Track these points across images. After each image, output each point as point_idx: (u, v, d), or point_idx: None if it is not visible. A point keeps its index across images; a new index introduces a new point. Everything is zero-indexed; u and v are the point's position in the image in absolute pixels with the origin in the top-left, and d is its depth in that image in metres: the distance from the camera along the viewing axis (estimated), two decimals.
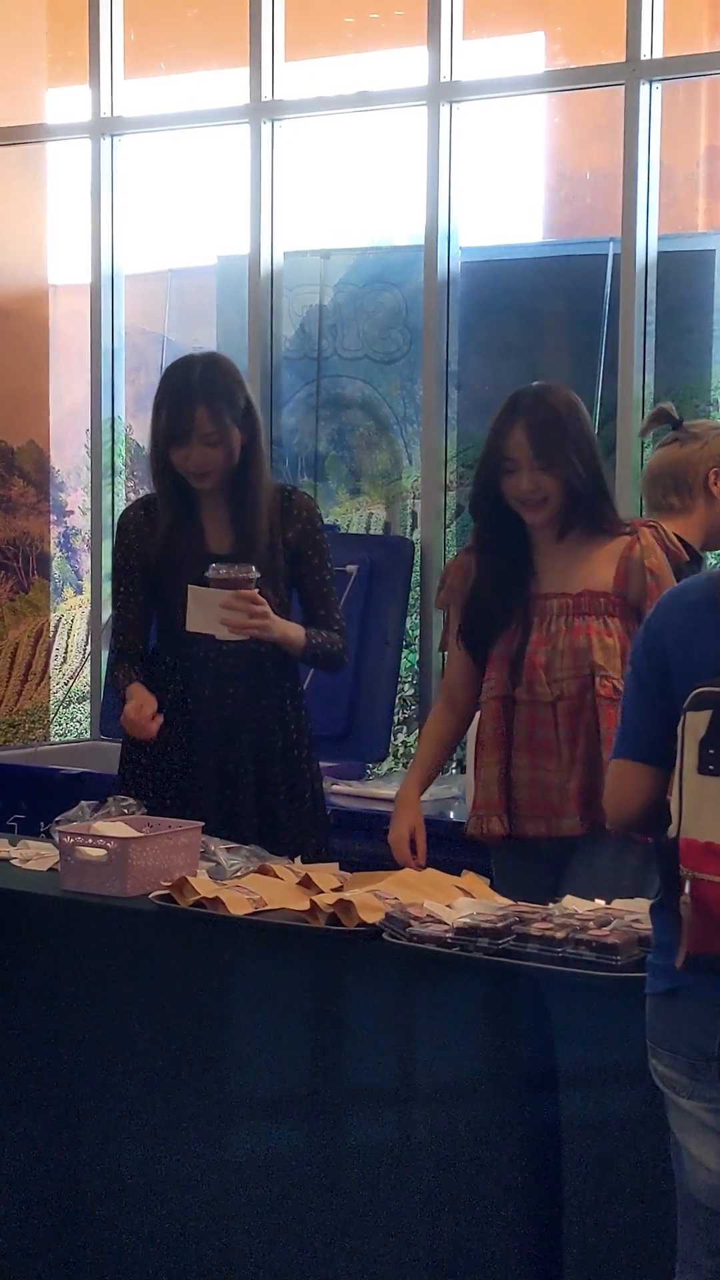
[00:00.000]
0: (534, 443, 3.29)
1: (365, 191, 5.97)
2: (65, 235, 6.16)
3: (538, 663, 3.30)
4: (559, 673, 3.29)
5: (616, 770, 2.49)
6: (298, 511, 3.67)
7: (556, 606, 3.32)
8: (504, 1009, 2.68)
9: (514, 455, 3.30)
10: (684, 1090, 2.34)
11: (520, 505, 3.33)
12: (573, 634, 3.29)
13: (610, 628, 3.30)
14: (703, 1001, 2.30)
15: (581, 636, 3.29)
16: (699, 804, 2.27)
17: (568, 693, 3.28)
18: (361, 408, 5.54)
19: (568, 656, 3.29)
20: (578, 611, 3.31)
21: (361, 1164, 2.82)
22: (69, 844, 3.13)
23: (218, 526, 3.67)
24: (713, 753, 2.26)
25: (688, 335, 4.93)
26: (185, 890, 2.97)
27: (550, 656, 3.29)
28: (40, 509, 6.21)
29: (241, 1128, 2.94)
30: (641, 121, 4.76)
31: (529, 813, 3.30)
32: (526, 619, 3.33)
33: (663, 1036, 2.36)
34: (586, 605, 3.31)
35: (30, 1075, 3.14)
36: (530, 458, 3.29)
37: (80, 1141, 3.10)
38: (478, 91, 5.13)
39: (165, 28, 6.23)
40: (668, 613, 2.45)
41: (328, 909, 2.83)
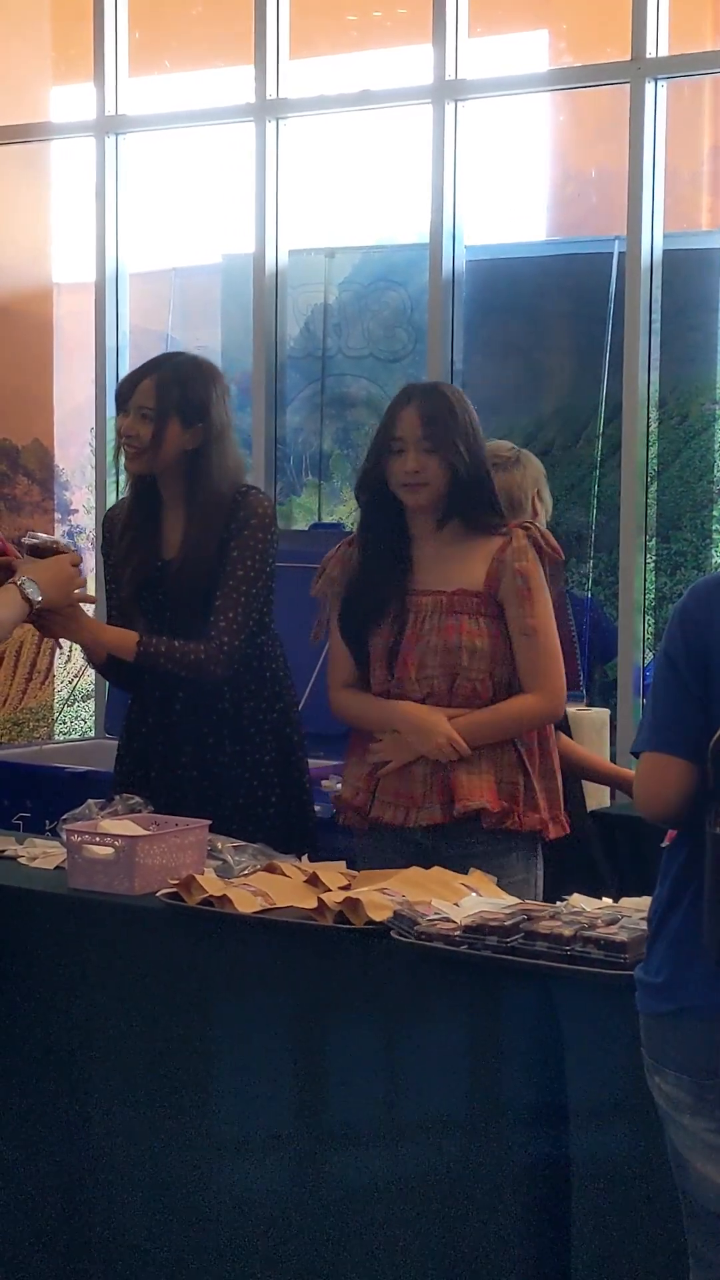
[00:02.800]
0: (423, 423, 3.32)
1: (370, 190, 5.96)
2: (69, 234, 6.16)
3: (409, 660, 3.34)
4: (430, 670, 3.34)
5: (650, 763, 2.40)
6: (242, 512, 3.53)
7: (430, 604, 3.36)
8: (512, 1007, 2.67)
9: (402, 435, 3.32)
10: (687, 1110, 2.31)
11: (402, 488, 3.34)
12: (444, 632, 3.33)
13: (481, 627, 3.34)
14: (710, 1019, 2.27)
15: (453, 635, 3.33)
16: None
17: (437, 690, 3.33)
18: (366, 406, 5.54)
19: (439, 655, 3.33)
20: (450, 610, 3.34)
21: (371, 1157, 2.81)
22: (76, 842, 3.13)
23: (173, 531, 3.60)
24: None
25: (692, 334, 4.93)
26: (193, 888, 2.96)
27: (422, 654, 3.34)
28: (45, 507, 6.22)
29: (249, 1126, 2.93)
30: (646, 120, 4.76)
31: (391, 799, 3.36)
32: (402, 614, 3.37)
33: (665, 1056, 2.33)
34: (459, 604, 3.34)
35: (38, 1074, 3.14)
36: (418, 439, 3.31)
37: (87, 1139, 3.10)
38: (482, 90, 5.14)
39: (169, 26, 6.23)
40: (710, 606, 2.38)
41: (335, 907, 2.82)
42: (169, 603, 3.58)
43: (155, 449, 3.52)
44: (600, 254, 5.10)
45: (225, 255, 5.96)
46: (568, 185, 6.10)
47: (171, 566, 3.57)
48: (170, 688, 3.58)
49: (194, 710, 3.58)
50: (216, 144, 5.87)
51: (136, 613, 3.62)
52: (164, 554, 3.60)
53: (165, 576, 3.58)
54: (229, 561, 3.51)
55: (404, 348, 5.47)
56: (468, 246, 5.14)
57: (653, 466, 4.85)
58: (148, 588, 3.60)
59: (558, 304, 5.25)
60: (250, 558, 3.51)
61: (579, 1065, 2.62)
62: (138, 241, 5.82)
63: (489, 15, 5.47)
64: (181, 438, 3.52)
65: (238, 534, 3.51)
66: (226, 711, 3.58)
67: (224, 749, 3.58)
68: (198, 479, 3.55)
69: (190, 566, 3.54)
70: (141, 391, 3.53)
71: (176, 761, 3.59)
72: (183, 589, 3.55)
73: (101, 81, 5.75)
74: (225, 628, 3.49)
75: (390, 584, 3.38)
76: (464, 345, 5.13)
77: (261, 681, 3.61)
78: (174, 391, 3.51)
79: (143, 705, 3.65)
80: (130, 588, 3.61)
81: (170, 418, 3.51)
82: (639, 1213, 2.58)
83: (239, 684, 3.58)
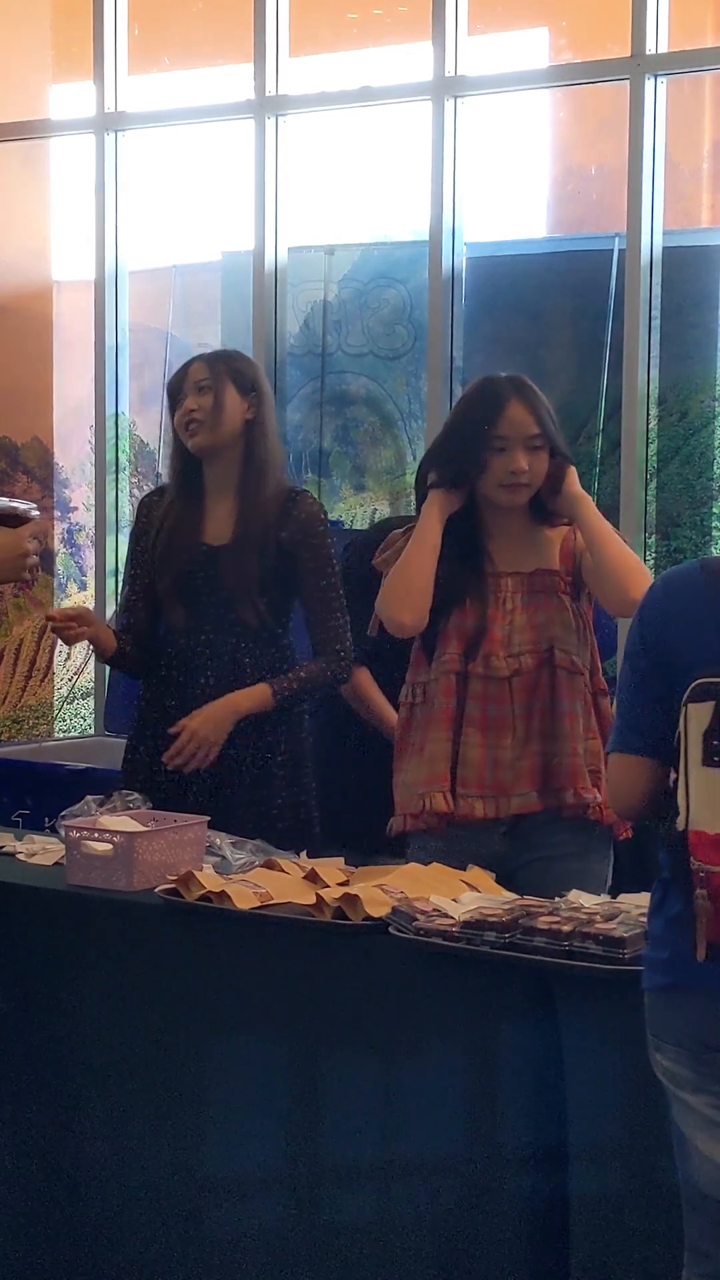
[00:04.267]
0: (534, 420, 3.25)
1: (370, 187, 5.96)
2: (69, 231, 6.15)
3: (495, 638, 3.27)
4: (516, 648, 3.27)
5: (616, 764, 2.48)
6: (296, 512, 3.58)
7: (511, 584, 3.31)
8: (510, 1002, 2.67)
9: (507, 433, 3.24)
10: (688, 1085, 2.33)
11: (501, 488, 3.27)
12: (530, 610, 3.28)
13: (565, 604, 3.30)
14: (709, 994, 2.29)
15: (539, 613, 3.28)
16: (706, 796, 2.27)
17: (525, 667, 3.26)
18: (366, 404, 5.53)
19: (526, 632, 3.27)
20: (533, 589, 3.30)
21: (363, 1156, 2.81)
22: (75, 838, 3.13)
23: (218, 519, 3.63)
24: (717, 744, 2.25)
25: (692, 331, 4.92)
26: (191, 884, 2.96)
27: (508, 632, 3.28)
28: (44, 505, 6.21)
29: (245, 1122, 2.93)
30: (646, 116, 4.76)
31: (476, 792, 3.24)
32: (482, 595, 3.30)
33: (666, 1030, 2.35)
34: (541, 583, 3.31)
35: (36, 1070, 3.14)
36: (527, 437, 3.24)
37: (84, 1135, 3.09)
38: (482, 86, 5.13)
39: (169, 23, 6.23)
40: (665, 603, 2.43)
41: (334, 903, 2.82)
42: (209, 587, 3.60)
43: (217, 415, 3.58)
44: (600, 251, 5.10)
45: (225, 252, 5.96)
46: (568, 182, 6.09)
47: (223, 551, 3.59)
48: (192, 676, 3.59)
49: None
50: (216, 141, 5.87)
51: (175, 598, 3.62)
52: (208, 540, 3.62)
53: (210, 561, 3.60)
54: (306, 573, 3.58)
55: (404, 345, 5.46)
56: (468, 244, 5.13)
57: (652, 463, 4.85)
58: (188, 574, 3.61)
59: (558, 301, 5.25)
60: (328, 564, 3.60)
61: (577, 1060, 2.62)
62: (137, 239, 5.82)
63: (488, 13, 5.47)
64: (240, 405, 3.60)
65: (306, 543, 3.57)
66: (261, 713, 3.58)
67: (246, 745, 3.57)
68: (254, 454, 3.60)
69: (244, 551, 3.56)
70: (194, 371, 3.63)
71: None
72: (231, 574, 3.57)
73: (101, 78, 5.75)
74: (335, 636, 3.59)
75: (468, 566, 3.30)
76: (464, 342, 5.13)
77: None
78: (223, 365, 3.63)
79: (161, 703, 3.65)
80: (172, 572, 3.62)
81: (226, 384, 3.59)
82: (638, 1207, 2.58)
83: (260, 679, 3.58)
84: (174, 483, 3.69)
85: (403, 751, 3.35)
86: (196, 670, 3.60)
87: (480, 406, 3.27)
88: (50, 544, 6.23)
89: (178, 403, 3.62)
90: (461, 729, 3.25)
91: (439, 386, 5.09)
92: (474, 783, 3.24)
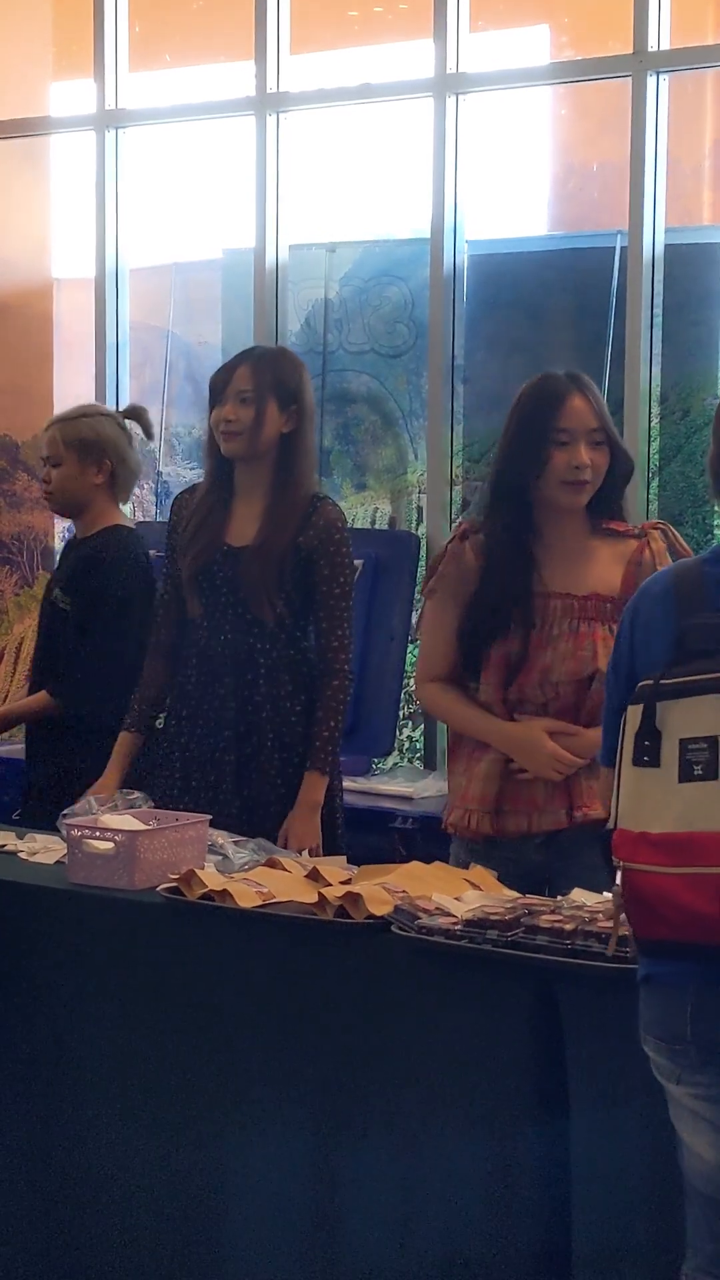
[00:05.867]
0: (596, 413, 3.17)
1: (371, 185, 5.95)
2: (69, 229, 6.14)
3: (536, 667, 3.21)
4: (557, 677, 3.21)
5: (605, 778, 2.49)
6: (317, 518, 3.62)
7: (560, 608, 3.22)
8: (512, 1001, 2.66)
9: (570, 426, 3.15)
10: (671, 1076, 2.35)
11: (562, 484, 3.17)
12: (577, 639, 3.20)
13: (614, 635, 3.23)
14: (671, 986, 2.32)
15: (586, 643, 3.19)
16: (633, 795, 2.30)
17: (563, 695, 3.21)
18: (367, 402, 5.52)
19: (570, 662, 3.20)
20: (583, 615, 3.21)
21: (369, 1151, 2.81)
22: (76, 837, 3.12)
23: (243, 520, 3.66)
24: (647, 744, 2.27)
25: (694, 328, 4.92)
26: (193, 883, 2.96)
27: (551, 660, 3.21)
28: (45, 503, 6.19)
29: (248, 1119, 2.92)
30: (649, 113, 4.75)
31: (511, 808, 3.24)
32: (526, 619, 3.21)
33: (649, 1024, 2.38)
34: (593, 610, 3.21)
35: (37, 1069, 3.13)
36: (590, 430, 3.16)
37: (84, 1135, 3.09)
38: (484, 83, 5.12)
39: (170, 20, 6.21)
40: (634, 611, 2.45)
41: (336, 902, 2.82)
42: (229, 586, 3.63)
43: (256, 430, 3.60)
44: (602, 249, 5.09)
45: (226, 250, 5.95)
46: (569, 180, 6.08)
47: (244, 552, 3.62)
48: (213, 675, 3.63)
49: (240, 700, 3.62)
50: (217, 138, 5.85)
51: (194, 593, 3.65)
52: (230, 540, 3.64)
53: (232, 561, 3.63)
54: (321, 579, 3.61)
55: (405, 343, 5.45)
56: (469, 241, 5.12)
57: (654, 462, 4.84)
58: (208, 570, 3.64)
59: (559, 299, 5.24)
60: (343, 573, 3.63)
61: (579, 1059, 2.61)
62: (138, 236, 5.81)
63: (489, 10, 5.45)
64: (278, 419, 3.61)
65: (324, 549, 3.60)
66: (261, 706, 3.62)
67: (266, 743, 3.62)
68: (289, 463, 3.62)
69: (266, 551, 3.58)
70: (239, 377, 3.62)
71: (215, 747, 3.63)
72: (251, 574, 3.60)
73: (102, 75, 5.74)
74: (340, 646, 3.64)
75: (518, 584, 3.20)
76: (465, 341, 5.12)
77: (299, 684, 3.64)
78: (269, 375, 3.61)
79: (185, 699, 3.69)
80: (192, 569, 3.66)
81: (269, 399, 3.60)
82: (640, 1205, 2.57)
83: (276, 682, 3.62)
84: (207, 480, 3.74)
85: (457, 752, 3.34)
86: (217, 670, 3.64)
87: (541, 401, 3.18)
88: (52, 543, 6.22)
89: (218, 402, 3.64)
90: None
91: (441, 385, 5.08)
92: (510, 798, 3.25)
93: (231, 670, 3.63)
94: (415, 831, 4.30)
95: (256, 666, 3.61)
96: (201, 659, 3.66)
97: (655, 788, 2.27)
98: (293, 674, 3.64)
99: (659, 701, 2.26)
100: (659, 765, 2.26)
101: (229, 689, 3.62)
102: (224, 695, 3.63)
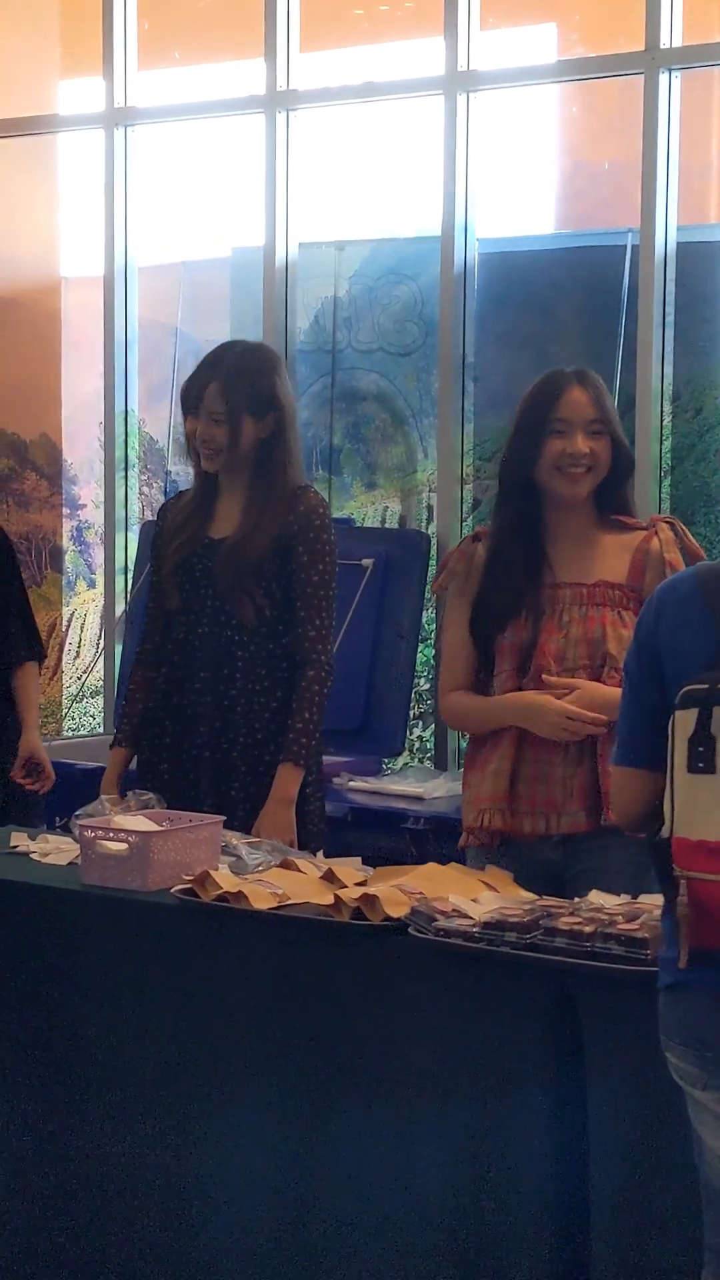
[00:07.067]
0: (594, 403, 3.21)
1: (380, 183, 5.94)
2: (78, 227, 6.13)
3: (549, 651, 3.22)
4: (570, 663, 3.21)
5: (618, 777, 2.48)
6: (297, 504, 3.58)
7: (570, 596, 3.24)
8: (531, 1004, 2.65)
9: (567, 416, 3.20)
10: (697, 1082, 2.34)
11: (558, 472, 3.21)
12: (587, 624, 3.22)
13: (625, 620, 3.23)
14: (705, 994, 2.30)
15: (596, 626, 3.22)
16: (689, 803, 2.27)
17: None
18: (377, 400, 5.51)
19: (581, 646, 3.21)
20: (592, 602, 3.23)
21: (384, 1160, 2.79)
22: (90, 838, 3.11)
23: (226, 515, 3.64)
24: (701, 750, 2.25)
25: (705, 326, 4.90)
26: (208, 884, 2.94)
27: (563, 646, 3.22)
28: (53, 503, 6.19)
29: (263, 1122, 2.91)
30: (661, 111, 4.73)
31: (528, 809, 3.22)
32: (537, 607, 3.24)
33: (674, 1029, 2.36)
34: (601, 596, 3.24)
35: (52, 1071, 3.11)
36: (587, 420, 3.20)
37: (100, 1136, 3.07)
38: (495, 81, 5.11)
39: (179, 18, 6.20)
40: (658, 612, 2.43)
41: (352, 903, 2.80)
42: (209, 579, 3.61)
43: (233, 449, 3.58)
44: (613, 247, 5.07)
45: (235, 248, 5.93)
46: (580, 177, 6.07)
47: (223, 544, 3.59)
48: (190, 670, 3.60)
49: (216, 694, 3.59)
50: (226, 136, 5.84)
51: (172, 581, 3.64)
52: (213, 533, 3.63)
53: (211, 553, 3.61)
54: (299, 566, 3.56)
55: (415, 341, 5.44)
56: (479, 239, 5.10)
57: (667, 460, 4.82)
58: (188, 562, 3.62)
59: (570, 297, 5.22)
60: (321, 560, 3.58)
61: (599, 1062, 2.60)
62: (147, 235, 5.79)
63: (496, 7, 5.43)
64: (255, 429, 3.58)
65: (303, 535, 3.57)
66: (236, 701, 3.58)
67: (237, 739, 3.59)
68: (269, 463, 3.59)
69: (245, 544, 3.56)
70: (210, 397, 3.58)
71: (191, 743, 3.60)
72: (230, 565, 3.57)
73: (111, 73, 5.72)
74: (318, 636, 3.58)
75: (527, 576, 3.23)
76: (475, 339, 5.10)
77: (275, 680, 3.60)
78: (241, 390, 3.56)
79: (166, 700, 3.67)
80: (172, 561, 3.64)
81: (242, 417, 3.57)
82: (659, 1210, 2.56)
83: (252, 677, 3.58)
84: (194, 484, 3.72)
85: (472, 765, 3.32)
86: (193, 665, 3.61)
87: (541, 393, 3.24)
88: (60, 541, 6.20)
89: (191, 412, 3.61)
90: (521, 746, 3.22)
91: (450, 383, 5.07)
92: (525, 798, 3.22)
93: (208, 665, 3.59)
94: (427, 832, 4.28)
95: (234, 661, 3.58)
96: (178, 653, 3.63)
97: (711, 794, 2.25)
98: (270, 669, 3.59)
99: (716, 706, 2.23)
100: (715, 771, 2.24)
101: (205, 684, 3.59)
102: (199, 690, 3.60)
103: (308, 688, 3.57)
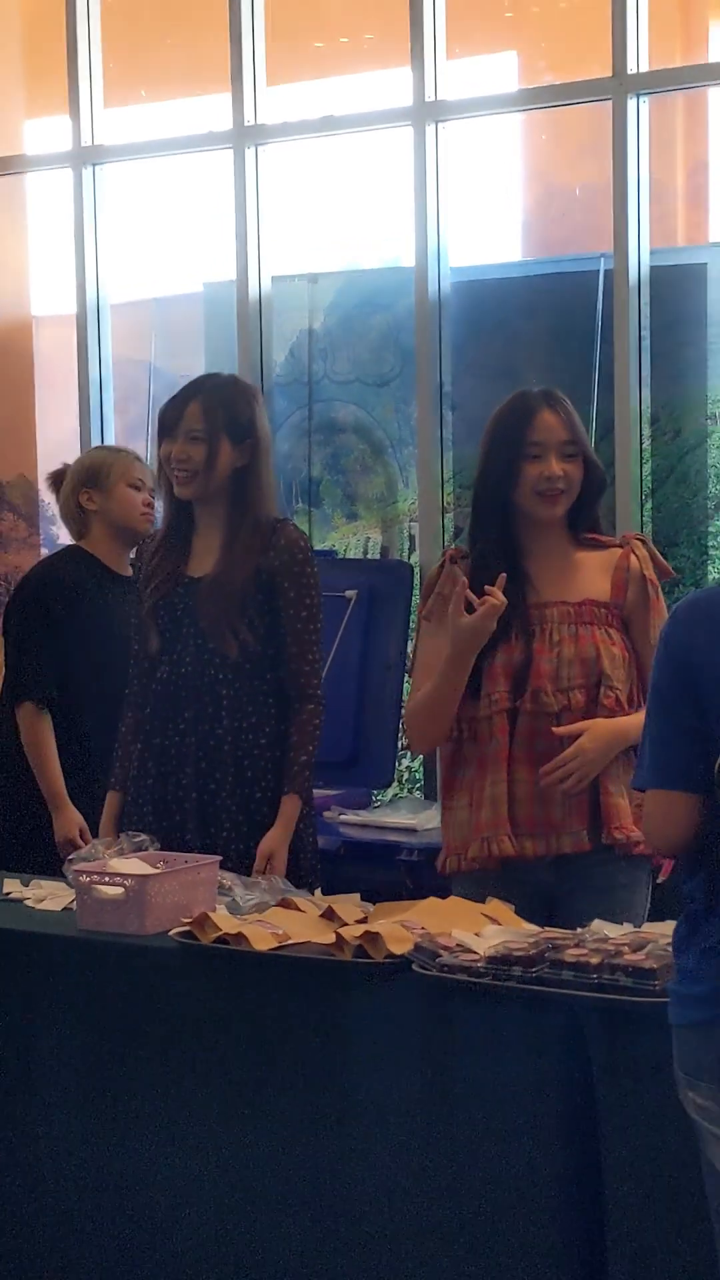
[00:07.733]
0: (566, 426, 3.23)
1: (351, 214, 5.93)
2: (48, 266, 6.11)
3: (544, 672, 3.21)
4: (566, 682, 3.20)
5: (654, 801, 2.38)
6: (280, 540, 3.58)
7: (557, 614, 3.24)
8: (539, 1038, 2.62)
9: (541, 439, 3.22)
10: (716, 1120, 2.28)
11: (536, 496, 3.23)
12: (579, 642, 3.22)
13: (613, 638, 3.23)
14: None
15: (588, 645, 3.22)
16: None
17: (575, 703, 3.20)
18: (355, 431, 5.49)
19: (576, 665, 3.21)
20: (580, 620, 3.24)
21: (392, 1199, 2.76)
22: (85, 883, 3.07)
23: (203, 553, 3.62)
24: None
25: (682, 350, 4.90)
26: (206, 926, 2.91)
27: (556, 665, 3.21)
28: (31, 543, 6.15)
29: (271, 1163, 2.87)
30: (630, 135, 4.74)
31: (528, 831, 3.19)
32: (526, 628, 3.23)
33: (703, 1068, 2.29)
34: (589, 615, 3.24)
35: (53, 1120, 3.08)
36: (560, 442, 3.22)
37: (103, 1184, 3.03)
38: (463, 110, 5.11)
39: (145, 55, 6.19)
40: (690, 629, 2.37)
41: (354, 941, 2.77)
42: (189, 618, 3.58)
43: (209, 471, 3.56)
44: (586, 272, 5.07)
45: (206, 283, 5.92)
46: (552, 203, 6.08)
47: (202, 582, 3.58)
48: (175, 709, 3.58)
49: (201, 734, 3.57)
50: (195, 172, 5.83)
51: (151, 622, 3.61)
52: (191, 570, 3.61)
53: (190, 592, 3.59)
54: (286, 602, 3.55)
55: (392, 371, 5.43)
56: (453, 268, 5.10)
57: (648, 483, 4.82)
58: (168, 602, 3.60)
59: (545, 323, 5.22)
60: (308, 594, 3.57)
61: (609, 1095, 2.57)
62: (118, 272, 5.78)
63: (462, 37, 5.44)
64: (232, 455, 3.56)
65: (286, 570, 3.56)
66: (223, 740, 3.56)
67: (226, 778, 3.56)
68: (244, 496, 3.58)
69: (225, 582, 3.54)
70: (189, 415, 3.57)
71: (177, 783, 3.57)
72: (213, 602, 3.55)
73: (77, 112, 5.71)
74: (312, 670, 3.59)
75: (512, 595, 3.21)
76: (452, 367, 5.10)
77: (263, 716, 3.58)
78: (221, 412, 3.56)
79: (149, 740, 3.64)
80: (151, 600, 3.62)
81: (221, 437, 3.55)
82: (672, 1240, 2.53)
83: (239, 714, 3.55)
84: (165, 519, 3.70)
85: (451, 788, 3.29)
86: (179, 704, 3.58)
87: (513, 417, 3.26)
88: None
89: (169, 436, 3.59)
90: (512, 766, 3.19)
91: (429, 412, 5.06)
92: (525, 820, 3.19)
93: (192, 704, 3.57)
94: (421, 863, 4.25)
95: (219, 700, 3.56)
96: (162, 694, 3.60)
97: None
98: (257, 706, 3.57)
99: None
100: None
101: (189, 724, 3.57)
102: (184, 731, 3.57)
103: (308, 721, 3.57)
